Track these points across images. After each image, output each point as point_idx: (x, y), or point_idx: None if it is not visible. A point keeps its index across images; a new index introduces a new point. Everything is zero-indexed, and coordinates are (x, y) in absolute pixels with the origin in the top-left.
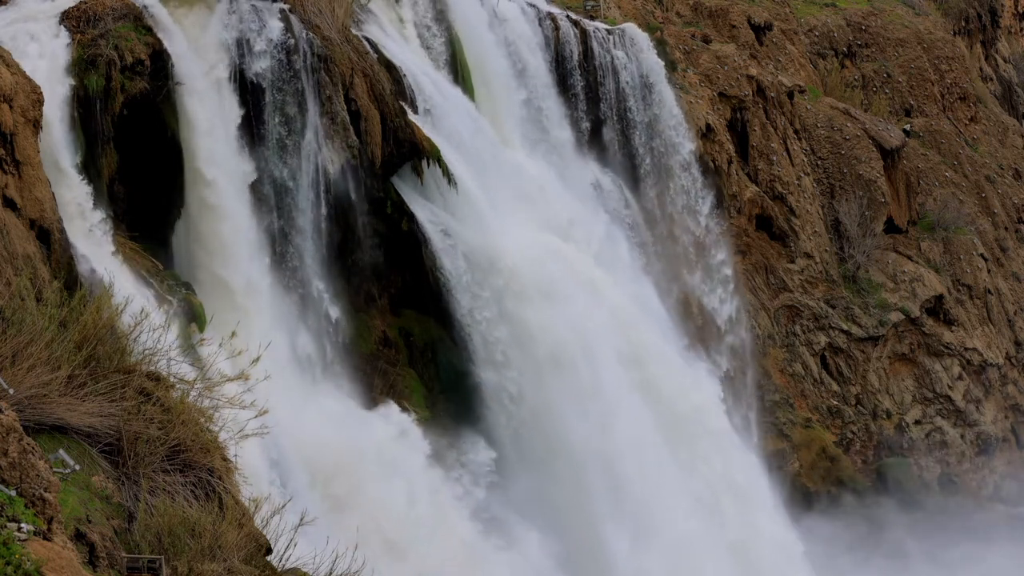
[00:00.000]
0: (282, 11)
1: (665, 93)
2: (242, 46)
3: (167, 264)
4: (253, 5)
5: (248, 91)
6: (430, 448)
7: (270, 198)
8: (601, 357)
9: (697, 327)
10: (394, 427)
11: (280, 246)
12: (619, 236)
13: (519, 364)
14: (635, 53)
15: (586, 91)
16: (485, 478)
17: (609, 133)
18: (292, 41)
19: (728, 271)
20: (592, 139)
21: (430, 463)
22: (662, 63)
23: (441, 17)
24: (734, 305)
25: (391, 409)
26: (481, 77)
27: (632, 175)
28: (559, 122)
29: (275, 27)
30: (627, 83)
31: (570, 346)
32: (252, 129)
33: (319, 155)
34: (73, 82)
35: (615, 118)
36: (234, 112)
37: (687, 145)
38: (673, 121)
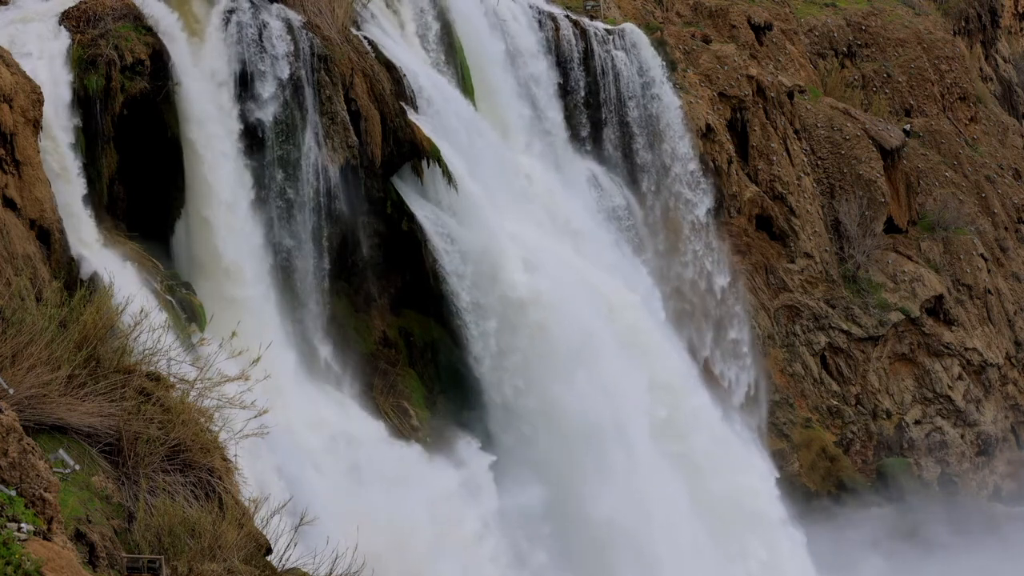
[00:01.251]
0: (282, 11)
1: (665, 93)
2: (242, 45)
3: (167, 264)
4: (253, 5)
5: (248, 90)
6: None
7: (270, 198)
8: (606, 352)
9: (696, 328)
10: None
11: (280, 246)
12: (618, 236)
13: (519, 364)
14: (635, 53)
15: (586, 91)
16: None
17: (609, 133)
18: (292, 41)
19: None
20: (592, 139)
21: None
22: (662, 63)
23: (441, 17)
24: (734, 303)
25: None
26: (481, 77)
27: (632, 175)
28: (559, 122)
29: (275, 27)
30: (627, 83)
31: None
32: (252, 129)
33: (319, 155)
34: (73, 82)
35: (615, 118)
36: (234, 111)
37: (687, 145)
38: (673, 121)
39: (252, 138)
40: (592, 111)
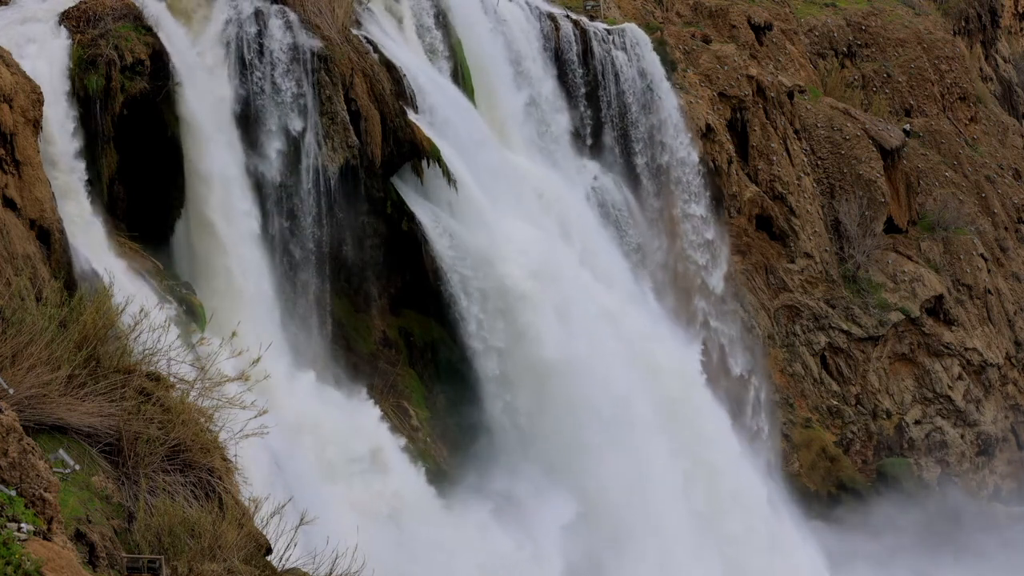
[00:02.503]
0: (282, 11)
1: (665, 93)
2: (242, 45)
3: (167, 264)
4: (253, 5)
5: (248, 90)
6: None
7: (270, 198)
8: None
9: (695, 328)
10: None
11: (280, 246)
12: (618, 235)
13: (517, 364)
14: (635, 53)
15: (586, 91)
16: None
17: (609, 133)
18: (292, 41)
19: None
20: (592, 139)
21: None
22: (662, 63)
23: (441, 17)
24: (733, 302)
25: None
26: (481, 77)
27: (632, 175)
28: (559, 122)
29: (275, 27)
30: (627, 83)
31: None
32: (252, 129)
33: (319, 155)
34: (73, 82)
35: (615, 118)
36: (234, 112)
37: (687, 145)
38: (673, 121)
39: (252, 138)
40: (592, 111)
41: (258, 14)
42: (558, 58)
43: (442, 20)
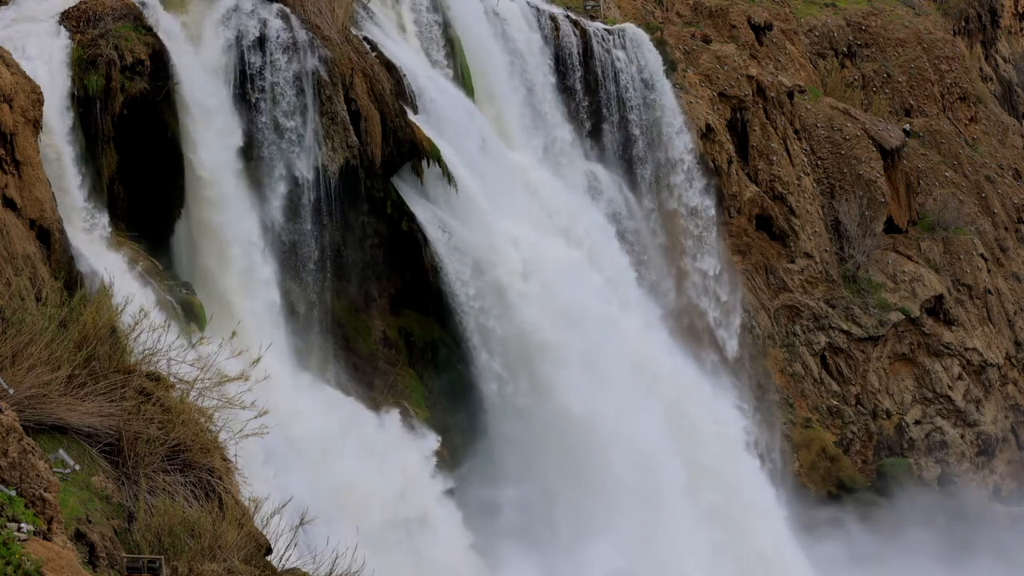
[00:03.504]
0: (282, 11)
1: (665, 93)
2: (241, 45)
3: (167, 264)
4: (253, 4)
5: (248, 90)
6: None
7: (270, 198)
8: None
9: (695, 329)
10: None
11: (280, 246)
12: (618, 235)
13: (517, 363)
14: (635, 53)
15: (586, 91)
16: None
17: (609, 133)
18: (292, 41)
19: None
20: (592, 139)
21: None
22: (662, 63)
23: (441, 17)
24: (733, 304)
25: None
26: (481, 77)
27: (631, 175)
28: (559, 122)
29: (275, 27)
30: (627, 83)
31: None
32: (252, 129)
33: (319, 155)
34: (73, 82)
35: (615, 118)
36: (234, 111)
37: (687, 145)
38: (673, 121)
39: (252, 138)
40: (592, 111)
41: (258, 14)
42: (558, 58)
43: (442, 20)
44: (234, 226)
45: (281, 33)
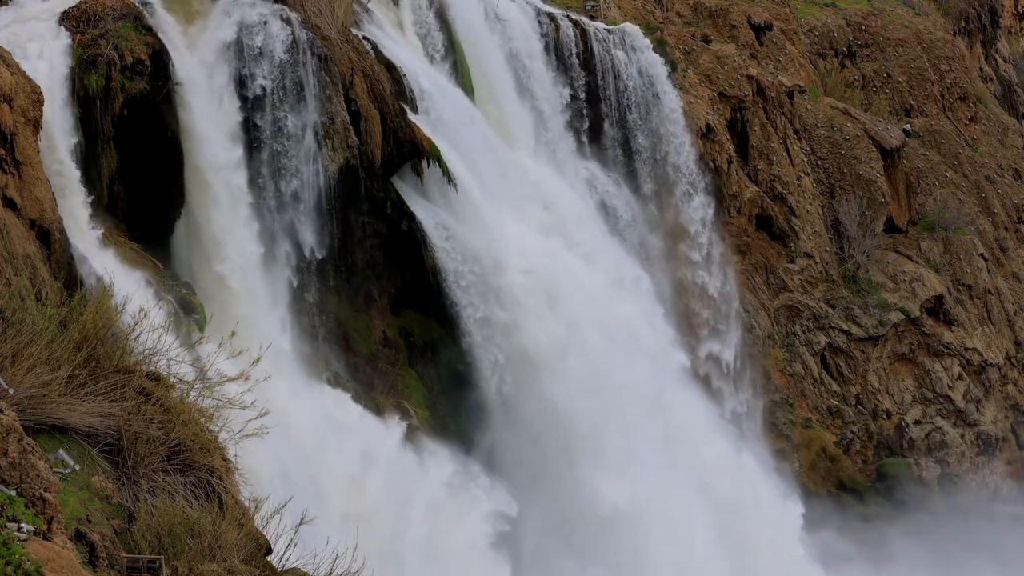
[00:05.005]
0: (282, 11)
1: (665, 93)
2: (241, 45)
3: (167, 264)
4: (253, 4)
5: (248, 91)
6: None
7: (270, 198)
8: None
9: (695, 325)
10: None
11: (280, 246)
12: (617, 234)
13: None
14: (635, 53)
15: (586, 91)
16: None
17: (609, 133)
18: (292, 41)
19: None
20: (592, 139)
21: None
22: (662, 63)
23: (441, 17)
24: (733, 304)
25: None
26: (481, 77)
27: (632, 175)
28: (559, 122)
29: (275, 27)
30: (627, 83)
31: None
32: (252, 129)
33: (319, 155)
34: (73, 82)
35: (615, 118)
36: (234, 112)
37: (687, 145)
38: (673, 121)
39: (252, 138)
40: (592, 111)
41: (258, 14)
42: (558, 58)
43: (442, 20)
44: (234, 226)
45: (281, 33)
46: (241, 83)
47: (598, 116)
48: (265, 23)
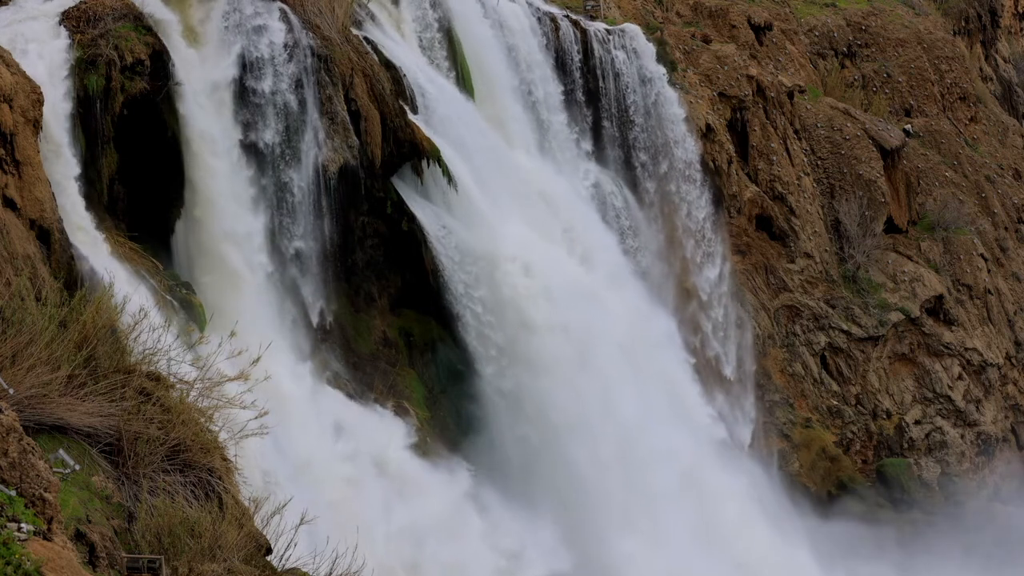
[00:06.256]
0: (282, 11)
1: (665, 93)
2: (241, 45)
3: (167, 264)
4: (253, 4)
5: (248, 90)
6: None
7: (270, 198)
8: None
9: (694, 325)
10: None
11: (280, 246)
12: (617, 234)
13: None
14: (635, 53)
15: (585, 91)
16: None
17: (609, 133)
18: (292, 41)
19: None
20: (591, 139)
21: None
22: (662, 63)
23: (441, 17)
24: (733, 305)
25: None
26: (481, 77)
27: (631, 175)
28: (559, 122)
29: (275, 27)
30: (627, 83)
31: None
32: (252, 129)
33: (319, 155)
34: (73, 82)
35: (615, 118)
36: (234, 112)
37: (687, 145)
38: (673, 121)
39: (252, 138)
40: (592, 111)
41: (258, 14)
42: (558, 58)
43: (442, 20)
44: (234, 226)
45: (281, 33)
46: (241, 82)
47: (598, 116)
48: (265, 23)
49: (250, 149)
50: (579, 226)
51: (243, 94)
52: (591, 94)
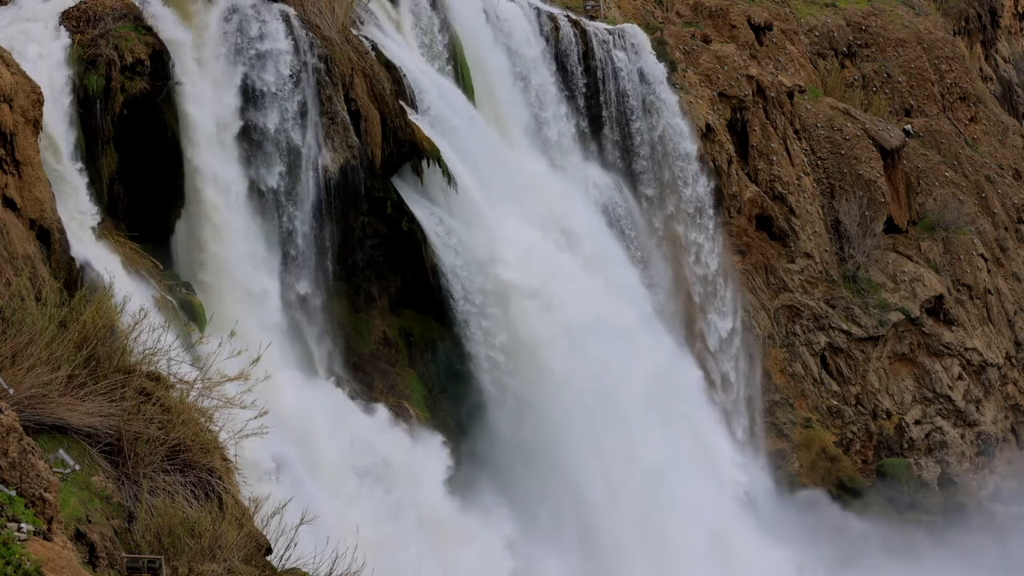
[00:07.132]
0: (282, 11)
1: (665, 93)
2: (241, 45)
3: (167, 264)
4: (253, 4)
5: (248, 90)
6: None
7: (270, 198)
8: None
9: (695, 328)
10: None
11: (280, 246)
12: (617, 234)
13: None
14: (635, 53)
15: (586, 91)
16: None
17: (609, 133)
18: (292, 41)
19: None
20: (592, 139)
21: None
22: (662, 63)
23: (441, 17)
24: (733, 306)
25: None
26: (481, 77)
27: (631, 175)
28: (559, 122)
29: (275, 27)
30: (627, 83)
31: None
32: (252, 129)
33: (319, 155)
34: (73, 82)
35: (615, 118)
36: (234, 112)
37: (687, 145)
38: (673, 121)
39: (252, 138)
40: (592, 111)
41: (258, 14)
42: (558, 58)
43: (442, 20)
44: (234, 225)
45: (281, 33)
46: (241, 83)
47: (598, 116)
48: (265, 23)
49: (249, 148)
50: (578, 224)
51: (242, 94)
52: (591, 94)
